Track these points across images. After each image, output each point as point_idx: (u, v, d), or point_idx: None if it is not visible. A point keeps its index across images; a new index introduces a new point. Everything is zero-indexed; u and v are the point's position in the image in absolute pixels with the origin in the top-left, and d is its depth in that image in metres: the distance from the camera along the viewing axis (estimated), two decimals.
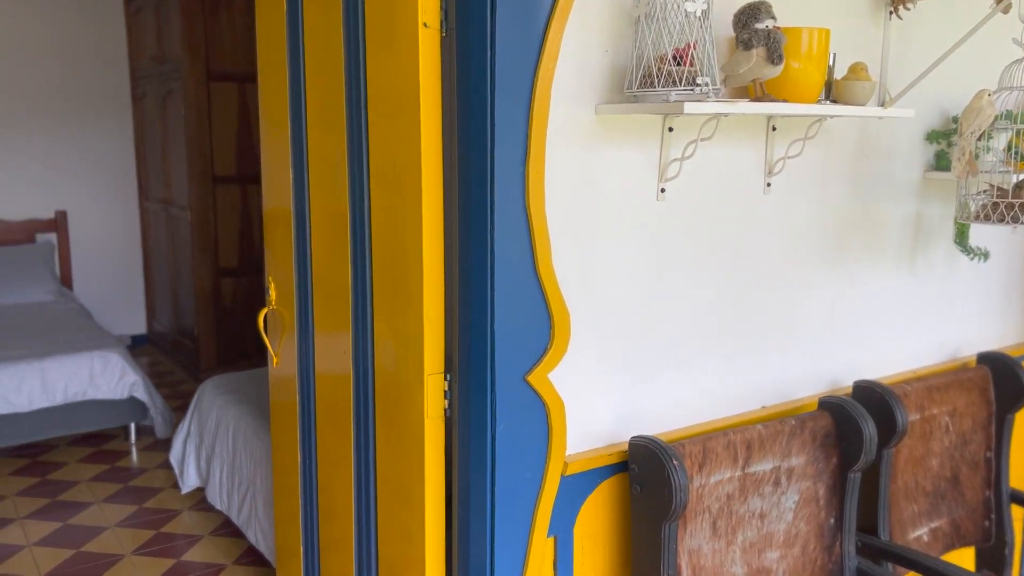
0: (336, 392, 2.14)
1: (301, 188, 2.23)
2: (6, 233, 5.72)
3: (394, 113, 1.76)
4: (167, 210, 5.66)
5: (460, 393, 1.73)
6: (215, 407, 3.45)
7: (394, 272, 1.83)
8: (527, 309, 1.67)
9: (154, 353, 6.15)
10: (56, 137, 5.85)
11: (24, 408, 4.02)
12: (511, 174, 1.61)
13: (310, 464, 2.37)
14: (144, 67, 5.76)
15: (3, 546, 3.31)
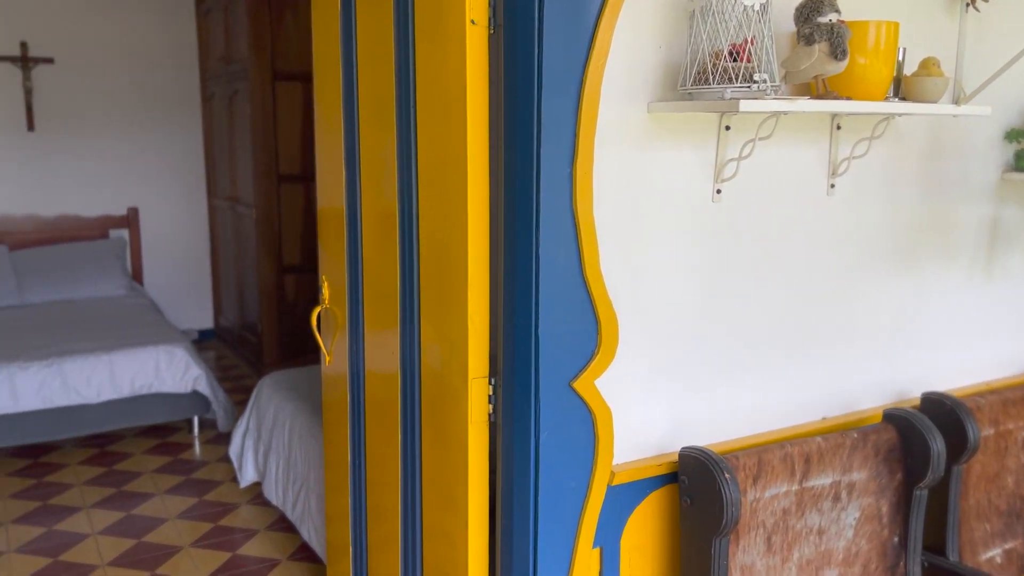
0: (384, 392, 2.13)
1: (353, 187, 2.23)
2: (81, 229, 5.91)
3: (441, 111, 1.73)
4: (233, 208, 5.77)
5: (504, 398, 1.70)
6: (272, 403, 3.49)
7: (440, 273, 1.80)
8: (573, 314, 1.62)
9: (220, 348, 6.28)
10: (130, 136, 6.02)
11: (93, 400, 4.13)
12: (558, 174, 1.56)
13: (359, 462, 2.37)
14: (213, 68, 5.88)
15: (70, 534, 3.40)
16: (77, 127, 5.85)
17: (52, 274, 5.47)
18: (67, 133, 5.83)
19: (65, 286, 5.46)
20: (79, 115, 5.84)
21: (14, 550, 3.27)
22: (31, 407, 4.01)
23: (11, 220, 5.70)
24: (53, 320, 4.85)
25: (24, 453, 4.24)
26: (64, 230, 5.86)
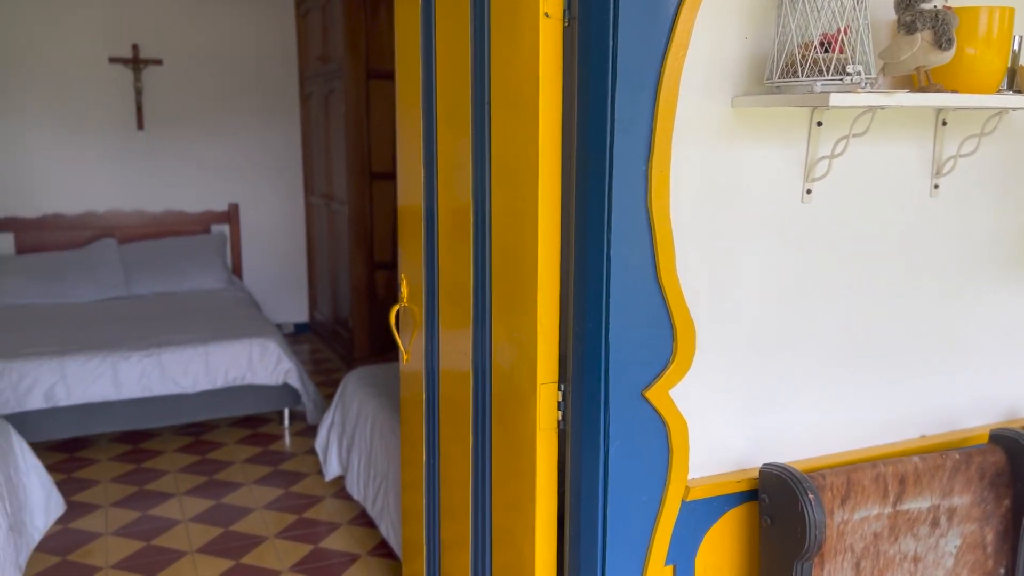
0: (457, 391, 2.10)
1: (431, 186, 2.21)
2: (185, 224, 6.14)
3: (514, 108, 1.68)
4: (328, 205, 5.88)
5: (573, 406, 1.64)
6: (356, 399, 3.52)
7: (510, 274, 1.76)
8: (647, 319, 1.55)
9: (314, 341, 6.42)
10: (232, 135, 6.22)
11: (189, 390, 4.28)
12: (632, 173, 1.49)
13: (434, 460, 2.35)
14: (311, 67, 6.01)
15: (163, 519, 3.52)
16: (183, 126, 6.08)
17: (157, 267, 5.70)
18: (173, 132, 6.06)
19: (169, 279, 5.68)
20: (185, 114, 6.07)
21: (111, 532, 3.40)
22: (132, 395, 4.18)
23: (121, 215, 5.97)
24: (156, 311, 5.06)
25: (126, 439, 4.43)
26: (169, 225, 6.10)
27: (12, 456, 3.01)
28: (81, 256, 5.61)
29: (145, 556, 3.22)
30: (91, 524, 3.47)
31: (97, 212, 5.92)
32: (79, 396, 4.07)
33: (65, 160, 5.82)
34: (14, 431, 3.10)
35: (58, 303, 5.29)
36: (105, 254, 5.66)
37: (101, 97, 5.84)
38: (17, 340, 4.35)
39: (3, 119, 5.61)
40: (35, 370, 4.01)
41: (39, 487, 3.12)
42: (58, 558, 3.19)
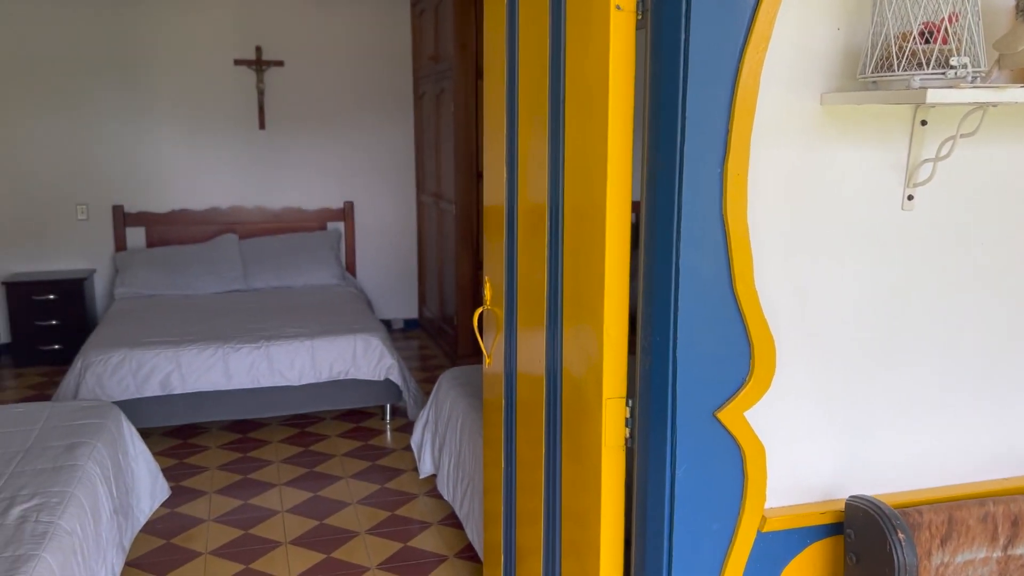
0: (532, 396, 2.04)
1: (512, 185, 2.16)
2: (303, 221, 6.34)
3: (586, 105, 1.60)
4: (437, 203, 5.93)
5: (641, 424, 1.54)
6: (449, 398, 3.51)
7: (579, 280, 1.67)
8: (720, 334, 1.43)
9: (422, 337, 6.50)
10: (349, 134, 6.37)
11: (295, 382, 4.39)
12: (705, 175, 1.38)
13: (512, 464, 2.30)
14: (424, 67, 6.07)
15: (263, 509, 3.62)
16: (302, 125, 6.27)
17: (274, 262, 5.90)
18: (293, 131, 6.26)
19: (285, 273, 5.87)
20: (304, 114, 6.26)
21: (213, 519, 3.53)
22: (241, 385, 4.33)
23: (242, 211, 6.22)
24: (270, 305, 5.23)
25: (236, 427, 4.60)
26: (287, 221, 6.31)
27: (122, 442, 3.15)
28: (204, 250, 5.87)
29: (242, 544, 3.31)
30: (196, 510, 3.60)
31: (221, 208, 6.19)
32: (192, 385, 4.25)
33: (192, 158, 6.11)
34: (125, 418, 3.25)
35: (182, 295, 5.56)
36: (226, 249, 5.91)
37: (226, 98, 6.10)
38: (140, 330, 4.58)
39: (137, 120, 5.94)
40: (153, 359, 4.22)
41: (146, 472, 3.26)
42: (162, 541, 3.33)
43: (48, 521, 2.30)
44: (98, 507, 2.65)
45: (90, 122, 5.88)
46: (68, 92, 5.81)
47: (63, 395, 4.15)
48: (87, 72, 5.81)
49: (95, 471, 2.72)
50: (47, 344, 5.62)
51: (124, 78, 5.89)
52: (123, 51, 5.86)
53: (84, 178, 5.94)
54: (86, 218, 5.99)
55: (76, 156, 5.90)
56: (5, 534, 2.22)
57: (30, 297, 5.57)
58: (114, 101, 5.89)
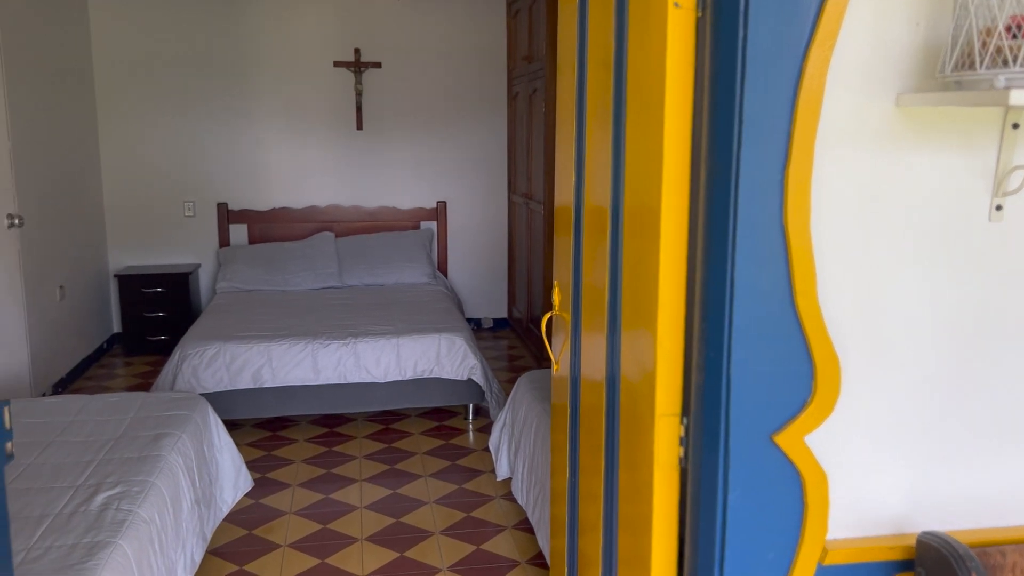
0: (594, 406, 1.99)
1: (579, 187, 2.11)
2: (396, 219, 6.43)
3: (644, 106, 1.53)
4: (527, 203, 5.91)
5: (694, 444, 1.46)
6: (525, 402, 3.47)
7: (636, 288, 1.61)
8: (779, 352, 1.34)
9: (511, 338, 6.49)
10: (443, 134, 6.43)
11: (380, 379, 4.45)
12: (763, 181, 1.29)
13: (576, 471, 2.25)
14: (517, 67, 6.06)
15: (342, 504, 3.68)
16: (398, 126, 6.36)
17: (368, 260, 6.01)
18: (389, 131, 6.36)
19: (378, 271, 5.97)
20: (400, 115, 6.35)
21: (294, 511, 3.60)
22: (329, 381, 4.42)
23: (339, 210, 6.36)
24: (361, 302, 5.32)
25: (323, 422, 4.69)
26: (382, 220, 6.41)
27: (208, 433, 3.26)
28: (302, 248, 6.04)
29: (320, 539, 3.37)
30: (279, 502, 3.69)
31: (319, 207, 6.34)
32: (282, 379, 4.37)
33: (292, 158, 6.29)
34: (212, 410, 3.36)
35: (279, 290, 5.73)
36: (323, 246, 6.06)
37: (325, 99, 6.25)
38: (236, 324, 4.74)
39: (242, 120, 6.16)
40: (245, 353, 4.35)
41: (230, 463, 3.36)
42: (244, 531, 3.43)
43: (128, 509, 2.39)
44: (179, 497, 2.74)
45: (198, 123, 6.13)
46: (178, 94, 6.07)
47: (161, 385, 4.33)
48: (196, 75, 6.06)
49: (178, 462, 2.82)
50: (154, 335, 5.89)
51: (230, 80, 6.11)
52: (230, 54, 6.08)
53: (192, 176, 6.20)
54: (193, 215, 6.25)
55: (185, 155, 6.16)
56: (87, 520, 2.32)
57: (140, 289, 5.85)
58: (221, 102, 6.12)
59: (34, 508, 2.40)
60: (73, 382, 5.30)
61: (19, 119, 4.48)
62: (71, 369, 5.30)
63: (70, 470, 2.65)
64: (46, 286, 4.89)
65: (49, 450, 2.81)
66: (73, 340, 5.39)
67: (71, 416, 3.13)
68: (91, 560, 2.10)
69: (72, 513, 2.36)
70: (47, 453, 2.79)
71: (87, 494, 2.48)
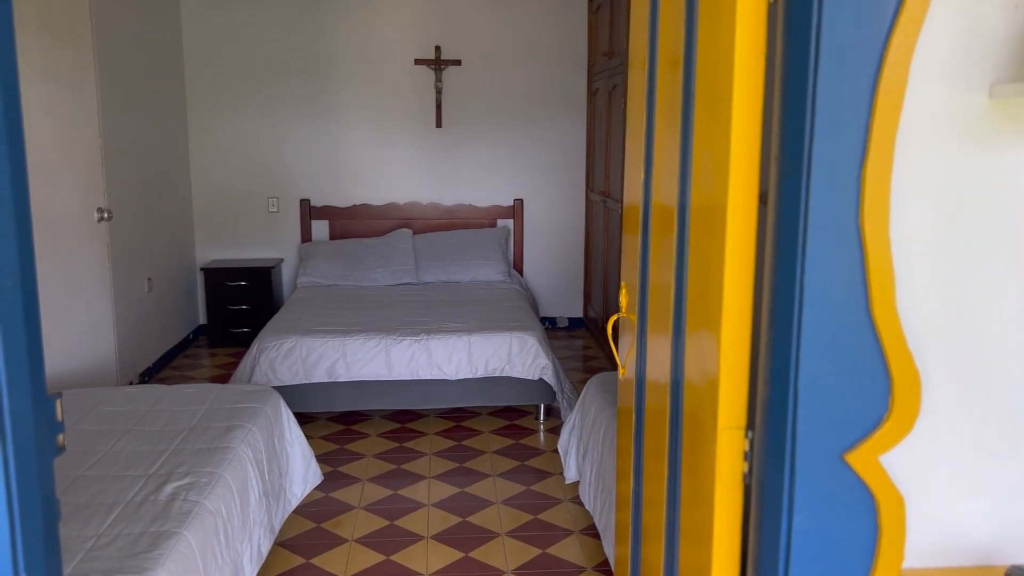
0: (658, 404, 1.91)
1: (648, 186, 2.03)
2: (473, 217, 6.43)
3: (712, 98, 1.44)
4: (604, 202, 5.82)
5: (758, 460, 1.37)
6: (595, 404, 3.40)
7: (700, 291, 1.52)
8: (853, 364, 1.24)
9: (586, 338, 6.41)
10: (521, 131, 6.39)
11: (452, 376, 4.44)
12: (838, 179, 1.20)
13: (640, 477, 2.17)
14: (598, 63, 5.97)
15: (410, 501, 3.68)
16: (476, 124, 6.36)
17: (444, 257, 6.03)
18: (468, 129, 6.36)
19: (453, 269, 5.98)
20: (479, 112, 6.34)
21: (363, 506, 3.62)
22: (401, 377, 4.43)
23: (417, 207, 6.39)
24: (436, 299, 5.34)
25: (395, 417, 4.72)
26: (459, 218, 6.42)
27: (279, 425, 3.30)
28: (380, 244, 6.09)
29: (386, 535, 3.37)
30: (348, 496, 3.72)
31: (398, 204, 6.39)
32: (356, 374, 4.40)
33: (373, 155, 6.35)
34: (283, 403, 3.40)
35: (357, 286, 5.80)
36: (400, 243, 6.10)
37: (406, 97, 6.29)
38: (313, 318, 4.81)
39: (324, 118, 6.25)
40: (321, 347, 4.40)
41: (300, 456, 3.39)
42: (312, 524, 3.46)
43: (195, 500, 2.43)
44: (247, 489, 2.77)
45: (283, 120, 6.25)
46: (264, 92, 6.21)
47: (239, 377, 4.43)
48: (282, 73, 6.19)
49: (247, 454, 2.85)
50: (238, 327, 6.04)
51: (314, 79, 6.21)
52: (314, 53, 6.18)
53: (276, 173, 6.33)
54: (277, 211, 6.38)
55: (269, 152, 6.29)
56: (155, 510, 2.36)
57: (224, 283, 6.01)
58: (305, 101, 6.23)
59: (107, 495, 2.46)
60: (159, 371, 5.47)
61: (111, 116, 4.64)
62: (158, 359, 5.48)
63: (143, 459, 2.71)
64: (135, 278, 5.06)
65: (126, 438, 2.89)
66: (160, 331, 5.57)
67: (149, 406, 3.21)
68: (156, 550, 2.14)
69: (142, 502, 2.41)
70: (124, 441, 2.86)
71: (157, 483, 2.53)
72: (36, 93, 3.72)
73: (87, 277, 4.16)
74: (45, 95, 3.77)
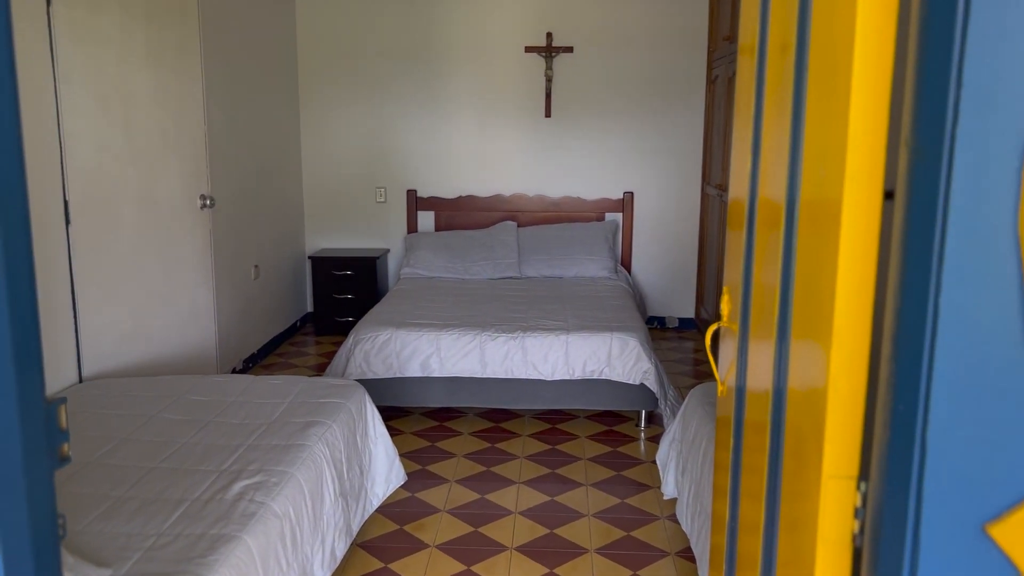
0: (757, 418, 1.65)
1: (754, 180, 1.76)
2: (581, 210, 6.20)
3: (829, 74, 1.18)
4: (721, 196, 5.47)
5: (872, 520, 1.10)
6: (696, 417, 3.12)
7: (808, 304, 1.26)
8: (1004, 408, 0.96)
9: (696, 339, 6.08)
10: (633, 121, 6.11)
11: (548, 377, 4.24)
12: (990, 171, 0.92)
13: (737, 499, 1.91)
14: (719, 48, 5.62)
15: (497, 507, 3.51)
16: (586, 113, 6.12)
17: (548, 251, 5.83)
18: (577, 119, 6.13)
19: (557, 263, 5.78)
20: (589, 101, 6.10)
21: (448, 509, 3.47)
22: (496, 375, 4.27)
23: (523, 199, 6.22)
24: (536, 295, 5.15)
25: (489, 416, 4.56)
26: (565, 210, 6.21)
27: (363, 422, 3.19)
28: (484, 236, 5.95)
29: (469, 543, 3.21)
30: (434, 497, 3.58)
31: (504, 195, 6.24)
32: (450, 370, 4.27)
33: (480, 146, 6.21)
34: (368, 400, 3.29)
35: (459, 279, 5.68)
36: (504, 236, 5.94)
37: (515, 86, 6.12)
38: (411, 311, 4.71)
39: (432, 108, 6.16)
40: (415, 340, 4.29)
41: (383, 455, 3.27)
42: (395, 526, 3.34)
43: (261, 502, 2.33)
44: (320, 490, 2.66)
45: (392, 110, 6.20)
46: (374, 81, 6.17)
47: (335, 368, 4.37)
48: (392, 63, 6.13)
49: (323, 453, 2.74)
50: (343, 316, 6.04)
51: (423, 67, 6.13)
52: (424, 42, 6.09)
53: (384, 163, 6.29)
54: (384, 200, 6.35)
55: (379, 142, 6.26)
56: (220, 509, 2.28)
57: (331, 272, 6.02)
58: (414, 90, 6.16)
59: (176, 490, 2.39)
60: (264, 358, 5.52)
61: (217, 102, 4.67)
62: (263, 345, 5.53)
63: (218, 453, 2.64)
64: (241, 265, 5.11)
65: (205, 430, 2.83)
66: (267, 318, 5.62)
67: (234, 396, 3.16)
68: (212, 555, 2.04)
69: (208, 500, 2.33)
70: (202, 433, 2.81)
71: (227, 480, 2.45)
72: (140, 78, 3.74)
73: (189, 263, 4.19)
74: (149, 80, 3.79)
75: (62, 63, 3.33)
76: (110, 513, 2.25)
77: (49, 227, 3.29)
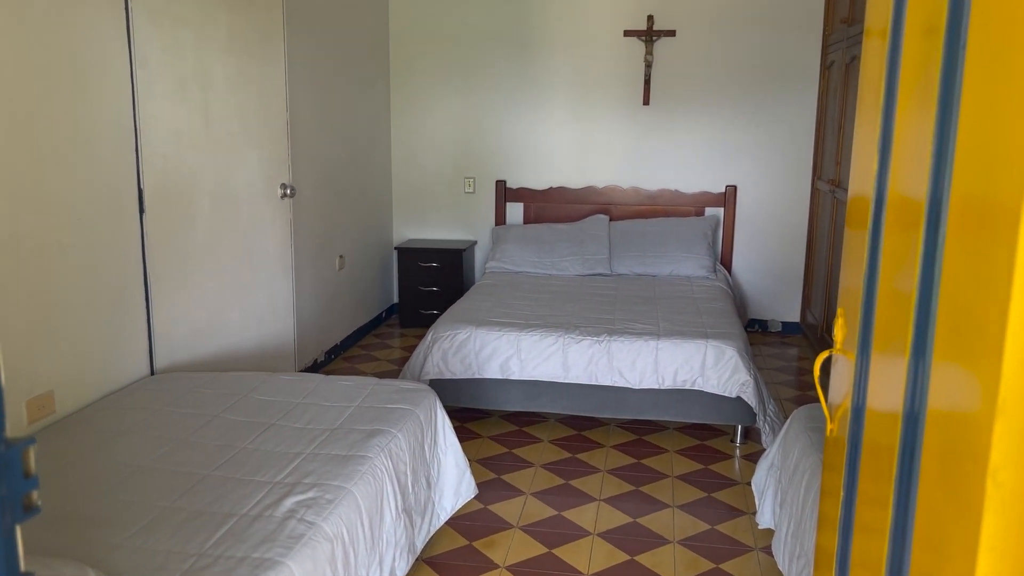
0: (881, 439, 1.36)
1: (883, 175, 1.46)
2: (677, 204, 5.85)
3: (997, 58, 0.88)
4: (833, 192, 5.03)
5: None
6: (799, 444, 2.79)
7: (962, 321, 0.97)
8: None
9: (802, 346, 5.65)
10: (738, 110, 5.71)
11: (635, 385, 3.96)
12: None
13: (849, 537, 1.62)
14: (835, 32, 5.16)
15: (574, 526, 3.26)
16: (688, 101, 5.76)
17: (641, 248, 5.52)
18: (678, 107, 5.78)
19: (650, 261, 5.46)
20: (691, 89, 5.74)
21: (521, 526, 3.25)
22: (578, 380, 4.01)
23: (617, 191, 5.91)
24: (626, 294, 4.85)
25: (571, 422, 4.31)
26: (662, 204, 5.87)
27: (432, 431, 2.99)
28: (574, 230, 5.68)
29: (541, 565, 2.98)
30: (508, 511, 3.36)
31: (596, 187, 5.95)
32: (530, 372, 4.04)
33: (573, 135, 5.94)
34: (440, 406, 3.09)
35: (546, 274, 5.44)
36: (595, 230, 5.66)
37: (612, 72, 5.81)
38: (492, 308, 4.50)
39: (524, 95, 5.92)
40: (495, 341, 4.08)
41: (453, 467, 3.07)
42: (464, 541, 3.13)
43: (311, 522, 2.15)
44: (381, 507, 2.47)
45: (483, 98, 5.99)
46: (465, 69, 5.97)
47: (412, 367, 4.20)
48: (484, 49, 5.92)
49: (385, 466, 2.56)
50: (427, 308, 5.89)
51: (516, 54, 5.89)
52: (518, 26, 5.85)
53: (474, 152, 6.09)
54: (473, 191, 6.16)
55: (468, 131, 6.06)
56: (267, 528, 2.11)
57: (417, 263, 5.87)
58: (506, 77, 5.93)
59: (225, 503, 2.24)
60: (347, 349, 5.43)
61: (300, 90, 4.55)
62: (347, 335, 5.43)
63: (275, 462, 2.49)
64: (323, 255, 5.01)
65: (266, 434, 2.69)
66: (351, 308, 5.52)
67: (300, 398, 3.01)
68: None
69: (256, 517, 2.17)
70: (262, 438, 2.67)
71: (279, 495, 2.28)
72: (220, 63, 3.63)
73: (268, 254, 4.08)
74: (230, 65, 3.68)
75: (139, 46, 3.24)
76: (153, 526, 2.12)
77: (123, 216, 3.21)
